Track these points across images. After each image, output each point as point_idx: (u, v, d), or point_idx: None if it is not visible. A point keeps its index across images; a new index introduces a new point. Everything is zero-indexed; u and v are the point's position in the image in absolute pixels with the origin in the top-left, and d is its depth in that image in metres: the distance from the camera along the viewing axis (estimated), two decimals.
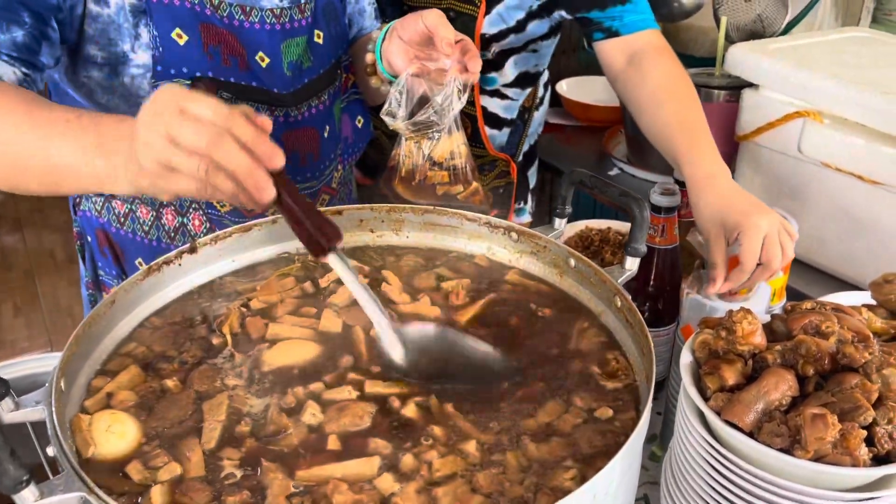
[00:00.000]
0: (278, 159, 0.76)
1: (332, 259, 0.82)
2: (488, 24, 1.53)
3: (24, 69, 1.01)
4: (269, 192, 0.75)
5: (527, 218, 1.89)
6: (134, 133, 0.77)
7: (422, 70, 1.13)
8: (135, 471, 0.74)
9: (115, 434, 0.77)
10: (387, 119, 1.13)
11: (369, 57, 1.19)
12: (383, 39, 1.17)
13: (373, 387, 0.86)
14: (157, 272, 0.98)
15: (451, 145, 1.15)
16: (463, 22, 1.55)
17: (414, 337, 0.89)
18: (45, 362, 0.98)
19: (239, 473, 0.74)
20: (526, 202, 1.88)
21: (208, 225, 1.26)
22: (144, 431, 0.80)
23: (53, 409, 0.72)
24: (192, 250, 1.01)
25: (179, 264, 1.01)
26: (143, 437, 0.79)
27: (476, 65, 1.11)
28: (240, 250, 1.07)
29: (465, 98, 1.12)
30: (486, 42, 1.56)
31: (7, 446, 0.60)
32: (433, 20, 1.09)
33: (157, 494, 0.71)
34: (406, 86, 1.12)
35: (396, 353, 0.88)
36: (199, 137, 0.72)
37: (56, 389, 0.75)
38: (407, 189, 1.17)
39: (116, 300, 0.92)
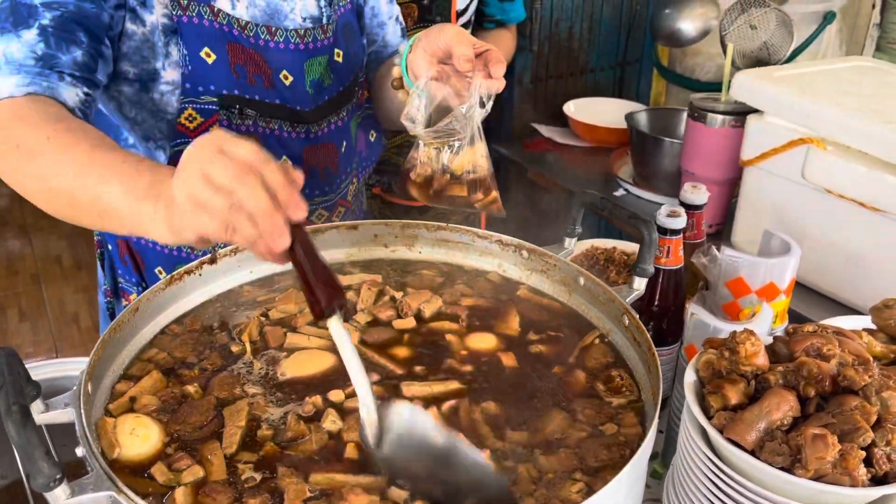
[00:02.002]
0: (300, 212, 0.74)
1: (331, 324, 0.78)
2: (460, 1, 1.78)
3: (85, 89, 1.02)
4: (283, 241, 0.74)
5: None
6: (175, 171, 0.78)
7: (442, 73, 1.11)
8: (159, 472, 0.76)
9: (139, 437, 0.79)
10: (407, 124, 1.12)
11: (396, 70, 1.18)
12: (409, 52, 1.15)
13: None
14: (178, 281, 1.01)
15: (473, 156, 1.12)
16: (439, 3, 1.70)
17: (398, 425, 0.79)
18: (60, 367, 1.00)
19: (259, 477, 0.77)
20: None
21: None
22: (167, 435, 0.82)
23: (82, 411, 0.75)
24: (213, 261, 1.04)
25: (200, 274, 1.03)
26: (165, 441, 0.81)
27: (500, 70, 1.07)
28: (258, 262, 1.10)
29: (489, 106, 1.08)
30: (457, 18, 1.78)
31: (42, 445, 0.62)
32: (450, 37, 1.08)
33: (181, 496, 0.73)
34: (425, 90, 1.10)
35: (372, 434, 0.79)
36: (228, 173, 0.73)
37: (84, 392, 0.77)
38: (422, 194, 1.16)
39: (140, 307, 0.95)
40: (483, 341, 0.99)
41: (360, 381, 0.79)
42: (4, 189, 0.81)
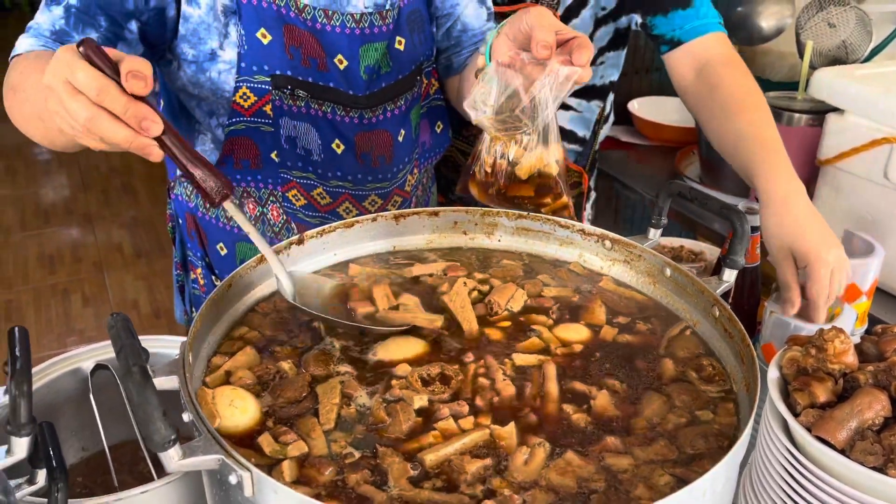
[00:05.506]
0: (151, 126, 0.80)
1: (228, 207, 0.87)
2: None
3: None
4: (155, 154, 0.82)
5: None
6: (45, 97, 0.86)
7: (514, 60, 1.01)
8: (266, 443, 0.78)
9: (237, 409, 0.81)
10: (469, 112, 1.05)
11: (480, 60, 1.09)
12: (494, 38, 1.06)
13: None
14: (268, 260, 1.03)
15: (545, 159, 1.04)
16: None
17: (306, 285, 0.99)
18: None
19: (357, 454, 0.78)
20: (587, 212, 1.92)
21: (285, 217, 1.32)
22: (263, 408, 0.84)
23: (186, 378, 0.77)
24: (300, 241, 1.06)
25: (288, 255, 1.05)
26: (262, 413, 0.83)
27: (583, 56, 0.96)
28: (342, 244, 1.11)
29: (564, 95, 0.98)
30: None
31: (160, 407, 0.65)
32: (532, 18, 0.99)
33: (288, 468, 0.75)
34: (494, 76, 1.01)
35: (287, 291, 0.97)
36: (80, 115, 0.79)
37: (186, 362, 0.79)
38: (482, 193, 1.11)
39: (233, 283, 0.97)
40: (575, 332, 0.99)
41: (267, 251, 0.95)
42: (68, 180, 0.86)
